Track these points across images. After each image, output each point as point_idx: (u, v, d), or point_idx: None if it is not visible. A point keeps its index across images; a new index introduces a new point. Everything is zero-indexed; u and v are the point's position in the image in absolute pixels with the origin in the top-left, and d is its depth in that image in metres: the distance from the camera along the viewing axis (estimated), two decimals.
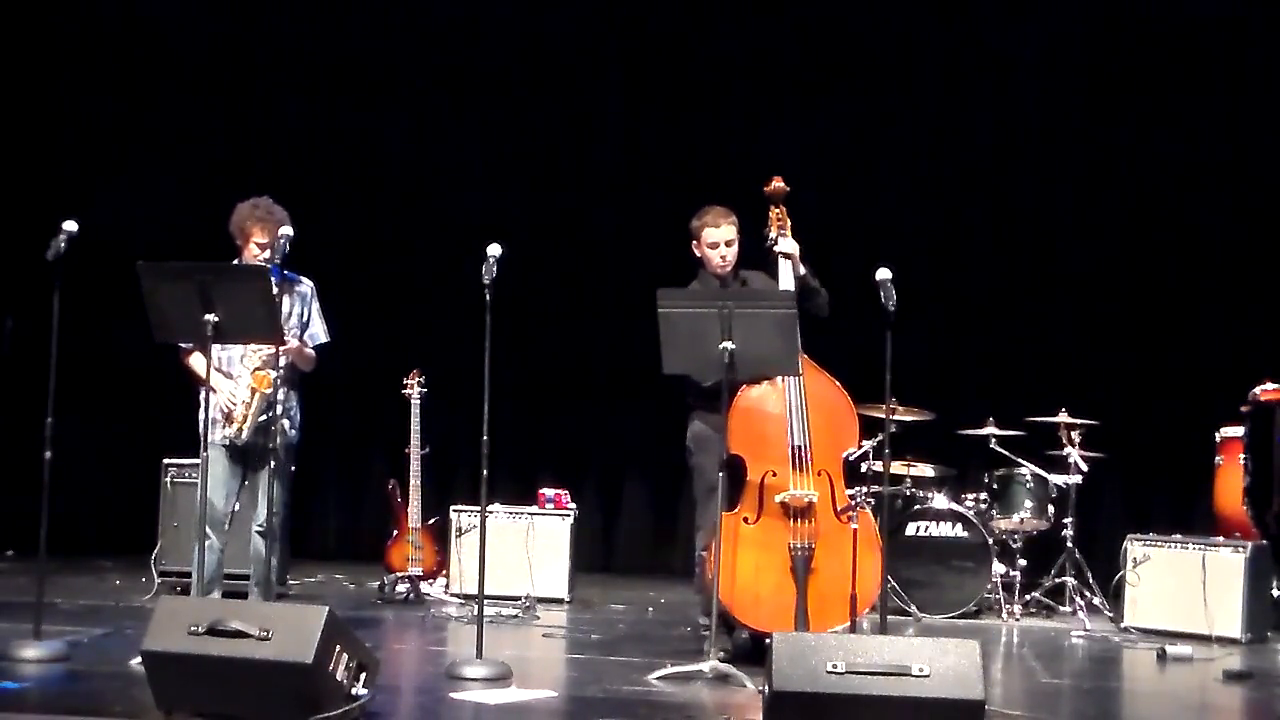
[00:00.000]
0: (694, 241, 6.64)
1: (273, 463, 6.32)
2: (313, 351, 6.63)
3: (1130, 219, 9.59)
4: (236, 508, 6.57)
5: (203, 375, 6.40)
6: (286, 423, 6.49)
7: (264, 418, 6.38)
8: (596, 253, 10.04)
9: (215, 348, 6.25)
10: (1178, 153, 9.57)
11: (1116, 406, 8.76)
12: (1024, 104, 9.84)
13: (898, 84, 9.89)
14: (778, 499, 6.29)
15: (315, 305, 6.67)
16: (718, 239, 6.57)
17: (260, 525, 6.47)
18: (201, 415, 6.49)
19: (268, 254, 6.38)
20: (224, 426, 6.39)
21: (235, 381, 6.40)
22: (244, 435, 6.38)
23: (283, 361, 6.40)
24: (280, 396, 6.41)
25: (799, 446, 6.35)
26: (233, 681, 4.72)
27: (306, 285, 6.64)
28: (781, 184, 6.66)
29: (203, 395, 6.46)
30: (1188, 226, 9.52)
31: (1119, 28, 9.68)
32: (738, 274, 6.65)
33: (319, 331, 6.68)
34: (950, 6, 9.91)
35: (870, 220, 9.59)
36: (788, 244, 6.55)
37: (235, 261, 6.47)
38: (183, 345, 6.43)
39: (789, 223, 6.62)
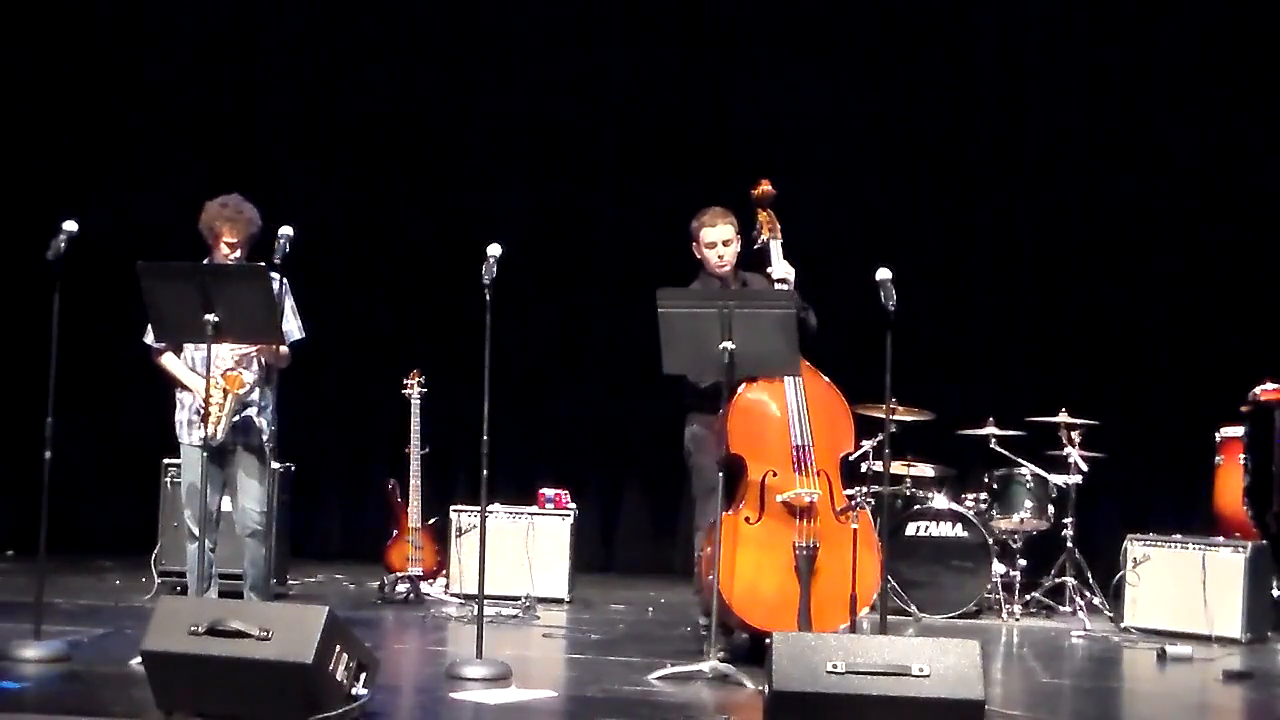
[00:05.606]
0: (693, 243, 6.64)
1: (272, 464, 6.32)
2: (286, 349, 6.50)
3: (1130, 218, 9.58)
4: (222, 507, 6.53)
5: (175, 375, 6.40)
6: (264, 420, 6.40)
7: (238, 418, 6.36)
8: (597, 252, 10.04)
9: (187, 347, 6.26)
10: (1177, 152, 9.57)
11: (1116, 406, 8.75)
12: (1026, 101, 9.84)
13: (900, 81, 9.88)
14: (779, 499, 6.29)
15: (289, 302, 6.47)
16: (715, 239, 6.57)
17: (248, 528, 6.46)
18: (177, 416, 6.49)
19: (238, 253, 6.34)
20: (199, 427, 6.27)
21: (211, 380, 6.22)
22: (219, 436, 6.30)
23: (255, 365, 6.37)
24: (255, 396, 6.40)
25: (800, 446, 6.36)
26: (233, 681, 4.72)
27: (278, 281, 6.43)
28: (769, 187, 6.65)
29: (178, 396, 6.46)
30: (1188, 226, 9.51)
31: (1121, 21, 9.69)
32: (738, 275, 6.65)
33: (293, 329, 6.53)
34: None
35: (870, 219, 9.59)
36: (784, 269, 6.52)
37: (205, 261, 6.38)
38: (154, 345, 6.36)
39: (779, 226, 6.62)
